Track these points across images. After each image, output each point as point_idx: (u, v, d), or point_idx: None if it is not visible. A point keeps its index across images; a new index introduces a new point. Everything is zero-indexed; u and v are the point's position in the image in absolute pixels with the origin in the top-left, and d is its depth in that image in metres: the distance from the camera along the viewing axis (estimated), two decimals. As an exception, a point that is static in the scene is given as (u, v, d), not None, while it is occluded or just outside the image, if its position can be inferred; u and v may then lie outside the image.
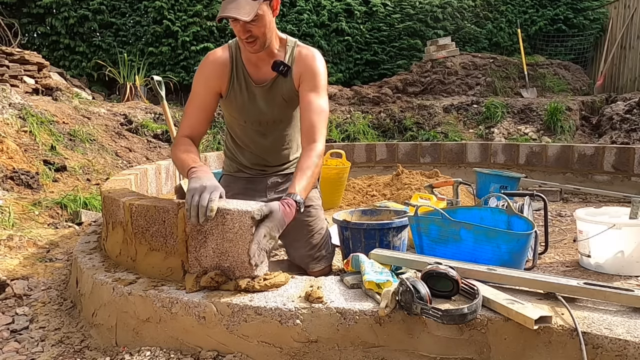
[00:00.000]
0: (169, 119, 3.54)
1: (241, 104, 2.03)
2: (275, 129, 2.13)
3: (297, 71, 1.97)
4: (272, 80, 1.99)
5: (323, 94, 1.95)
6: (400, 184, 4.18)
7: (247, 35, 1.81)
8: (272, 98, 2.03)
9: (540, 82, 7.89)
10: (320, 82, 1.95)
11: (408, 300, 1.32)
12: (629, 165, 4.69)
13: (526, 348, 1.30)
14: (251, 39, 1.83)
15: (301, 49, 2.01)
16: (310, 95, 1.91)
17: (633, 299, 1.34)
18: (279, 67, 1.94)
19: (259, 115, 2.06)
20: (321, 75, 1.96)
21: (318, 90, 1.93)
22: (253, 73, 2.00)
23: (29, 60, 5.62)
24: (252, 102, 2.03)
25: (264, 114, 2.06)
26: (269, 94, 2.02)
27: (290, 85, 2.00)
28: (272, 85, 2.00)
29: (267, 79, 2.00)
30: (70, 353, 1.68)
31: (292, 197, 1.64)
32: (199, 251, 1.62)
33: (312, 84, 1.93)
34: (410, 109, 6.95)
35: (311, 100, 1.90)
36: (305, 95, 1.92)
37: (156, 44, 7.93)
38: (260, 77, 2.00)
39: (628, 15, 7.97)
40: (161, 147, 5.35)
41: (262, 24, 1.81)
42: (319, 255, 2.18)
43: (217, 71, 1.98)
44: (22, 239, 2.80)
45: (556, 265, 2.60)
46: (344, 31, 8.38)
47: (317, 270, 2.16)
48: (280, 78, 1.98)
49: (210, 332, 1.50)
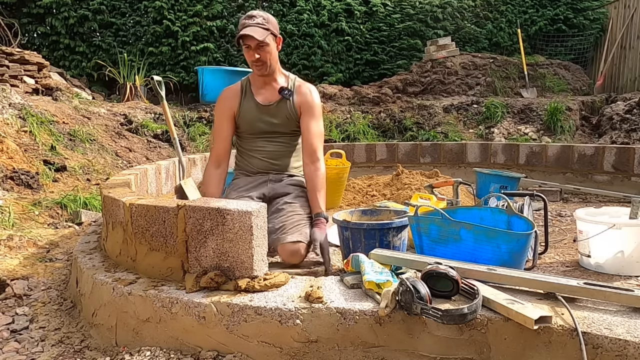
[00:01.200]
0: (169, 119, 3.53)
1: (251, 119, 2.51)
2: (281, 138, 2.56)
3: (297, 100, 2.50)
4: (277, 102, 2.50)
5: (320, 121, 2.51)
6: (400, 184, 4.17)
7: (257, 58, 2.32)
8: (277, 115, 2.50)
9: (540, 82, 7.88)
10: (317, 112, 2.50)
11: (408, 300, 1.32)
12: (629, 165, 4.69)
13: (526, 348, 1.30)
14: (259, 63, 2.35)
15: (300, 84, 2.55)
16: (309, 122, 2.47)
17: (633, 299, 1.34)
18: (284, 91, 2.47)
19: (267, 126, 2.51)
20: (317, 106, 2.51)
21: (316, 119, 2.49)
22: (260, 98, 2.51)
23: (29, 60, 5.62)
24: (260, 117, 2.51)
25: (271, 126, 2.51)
26: (275, 111, 2.50)
27: (292, 108, 2.49)
28: (277, 106, 2.50)
29: (273, 100, 2.50)
30: (70, 353, 1.68)
31: (321, 216, 2.28)
32: (199, 251, 1.62)
33: (310, 113, 2.48)
34: (410, 109, 6.95)
35: (311, 127, 2.46)
36: (305, 123, 2.47)
37: (156, 44, 7.92)
38: (266, 99, 2.50)
39: (628, 15, 7.97)
40: (161, 147, 5.35)
41: (268, 50, 2.35)
42: (293, 230, 2.22)
43: (230, 98, 2.53)
44: (22, 239, 2.80)
45: (556, 265, 2.60)
46: (344, 31, 8.38)
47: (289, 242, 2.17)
48: (284, 101, 2.48)
49: (210, 332, 1.50)
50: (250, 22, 2.31)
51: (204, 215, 1.59)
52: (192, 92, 8.07)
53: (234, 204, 1.60)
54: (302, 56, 8.30)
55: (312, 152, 2.41)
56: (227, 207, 1.56)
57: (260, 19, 2.33)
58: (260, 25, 2.30)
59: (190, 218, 1.62)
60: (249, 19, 2.33)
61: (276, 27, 2.40)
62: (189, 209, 1.63)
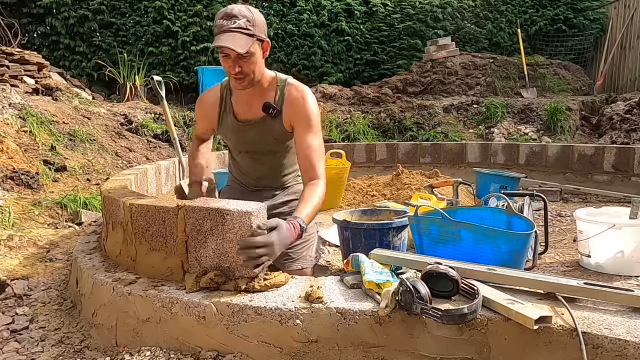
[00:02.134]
0: (169, 119, 3.54)
1: (232, 139, 2.15)
2: (270, 159, 2.16)
3: (287, 114, 1.99)
4: (262, 120, 2.02)
5: (318, 133, 2.00)
6: (400, 184, 4.17)
7: (238, 71, 1.84)
8: (262, 135, 2.06)
9: (540, 82, 7.88)
10: (314, 122, 1.98)
11: (408, 300, 1.32)
12: (629, 165, 4.69)
13: (526, 348, 1.30)
14: (240, 75, 1.86)
15: (291, 89, 2.01)
16: (305, 136, 1.96)
17: (633, 299, 1.34)
18: (269, 109, 1.97)
19: (252, 148, 2.12)
20: (314, 115, 1.99)
21: (313, 131, 1.97)
22: (241, 112, 2.06)
23: (29, 60, 5.62)
24: (241, 137, 2.10)
25: (257, 146, 2.11)
26: (258, 131, 2.05)
27: (279, 127, 2.02)
28: (262, 124, 2.03)
29: (256, 117, 2.03)
30: (70, 353, 1.68)
31: (297, 220, 1.67)
32: (199, 251, 1.62)
33: (305, 125, 1.97)
34: (410, 109, 6.95)
35: (307, 141, 1.95)
36: (300, 136, 1.97)
37: (156, 44, 7.93)
38: (248, 116, 2.05)
39: (628, 15, 7.96)
40: (161, 147, 5.35)
41: (252, 61, 1.85)
42: (297, 256, 2.05)
43: (205, 110, 2.16)
44: (22, 239, 2.80)
45: (556, 265, 2.60)
46: (344, 31, 8.38)
47: (293, 270, 2.00)
48: (269, 119, 2.00)
49: (210, 332, 1.50)
50: (229, 25, 1.79)
51: (203, 215, 1.59)
52: (192, 92, 8.07)
53: (234, 204, 1.60)
54: (302, 56, 8.30)
55: (310, 169, 1.93)
56: (227, 208, 1.56)
57: (243, 21, 1.79)
58: (242, 30, 1.78)
59: (190, 218, 1.62)
60: (228, 19, 1.80)
61: (263, 29, 1.88)
62: (188, 209, 1.63)
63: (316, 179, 1.90)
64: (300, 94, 2.00)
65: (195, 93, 7.73)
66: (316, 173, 1.91)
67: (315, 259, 2.22)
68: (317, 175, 1.91)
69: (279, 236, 1.55)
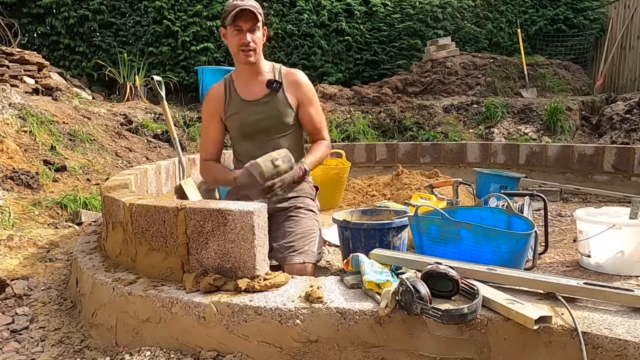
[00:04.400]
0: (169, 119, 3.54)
1: (237, 118, 2.30)
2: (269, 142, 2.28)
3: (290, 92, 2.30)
4: (266, 96, 2.29)
5: (318, 105, 2.37)
6: (400, 184, 4.17)
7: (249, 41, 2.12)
8: (267, 110, 2.28)
9: (540, 82, 7.88)
10: (314, 98, 2.35)
11: (408, 300, 1.32)
12: (629, 165, 4.69)
13: (526, 348, 1.30)
14: (252, 46, 2.14)
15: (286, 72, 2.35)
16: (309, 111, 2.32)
17: (633, 299, 1.34)
18: (272, 84, 2.27)
19: (256, 127, 2.29)
20: (311, 92, 2.34)
21: (312, 104, 2.34)
22: (245, 93, 2.31)
23: (29, 60, 5.62)
24: (247, 115, 2.29)
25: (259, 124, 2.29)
26: (264, 107, 2.28)
27: (283, 99, 2.29)
28: (267, 100, 2.29)
29: (260, 95, 2.29)
30: (70, 353, 1.68)
31: (302, 164, 2.11)
32: (201, 253, 1.62)
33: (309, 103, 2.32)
34: (410, 109, 6.95)
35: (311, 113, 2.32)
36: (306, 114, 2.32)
37: (156, 44, 7.92)
38: (252, 95, 2.29)
39: (628, 15, 7.96)
40: (161, 147, 5.35)
41: (260, 36, 2.17)
42: (300, 248, 2.06)
43: (215, 100, 2.35)
44: (22, 239, 2.80)
45: (556, 265, 2.60)
46: (344, 31, 8.38)
47: (296, 263, 2.00)
48: (273, 93, 2.28)
49: (210, 332, 1.50)
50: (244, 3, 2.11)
51: (204, 217, 1.59)
52: (192, 92, 8.07)
53: (235, 204, 1.60)
54: (302, 56, 8.30)
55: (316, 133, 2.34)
56: (228, 208, 1.56)
57: (253, 2, 2.15)
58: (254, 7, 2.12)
59: (191, 220, 1.62)
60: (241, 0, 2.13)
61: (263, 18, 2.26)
62: (189, 210, 1.62)
63: (322, 139, 2.33)
64: (297, 75, 2.35)
65: (195, 93, 7.73)
66: (322, 135, 2.34)
67: (319, 255, 2.21)
68: (323, 137, 2.34)
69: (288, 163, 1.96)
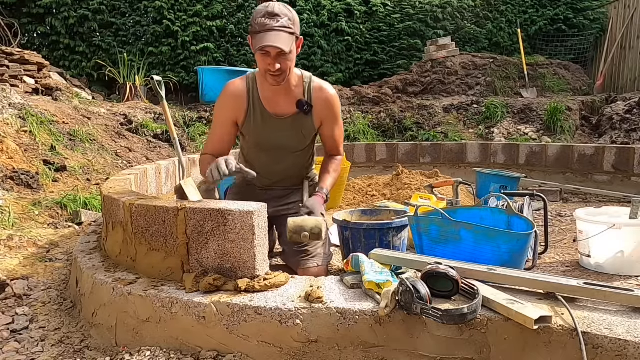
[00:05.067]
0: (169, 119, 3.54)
1: (258, 135, 2.16)
2: (289, 158, 2.25)
3: (317, 112, 2.14)
4: (293, 116, 2.13)
5: (341, 122, 2.29)
6: (400, 184, 4.17)
7: (277, 68, 1.90)
8: (292, 131, 2.16)
9: (540, 82, 7.88)
10: (338, 116, 2.23)
11: (408, 300, 1.32)
12: (629, 165, 4.69)
13: (526, 348, 1.30)
14: (279, 73, 1.93)
15: (316, 87, 2.14)
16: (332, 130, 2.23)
17: (633, 299, 1.34)
18: (303, 106, 2.09)
19: (276, 145, 2.18)
20: (338, 111, 2.22)
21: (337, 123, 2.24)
22: (271, 107, 2.11)
23: (29, 60, 5.62)
24: (270, 133, 2.15)
25: (281, 144, 2.18)
26: (289, 127, 2.14)
27: (311, 123, 2.16)
28: (293, 121, 2.14)
29: (287, 113, 2.12)
30: (70, 353, 1.68)
31: (323, 192, 2.10)
32: (201, 253, 1.62)
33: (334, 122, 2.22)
34: (410, 109, 6.95)
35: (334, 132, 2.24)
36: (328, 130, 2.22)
37: (156, 44, 7.93)
38: (279, 111, 2.12)
39: (628, 15, 7.96)
40: (161, 147, 5.35)
41: (290, 58, 1.94)
42: (313, 252, 2.13)
43: (233, 103, 2.12)
44: (22, 239, 2.80)
45: (556, 265, 2.60)
46: (344, 31, 8.38)
47: (310, 267, 2.09)
48: (301, 115, 2.12)
49: (210, 332, 1.50)
50: (273, 25, 1.84)
51: (204, 217, 1.59)
52: (192, 92, 8.07)
53: (235, 204, 1.60)
54: (302, 56, 8.30)
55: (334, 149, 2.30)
56: (228, 208, 1.56)
57: (286, 20, 1.87)
58: (285, 29, 1.86)
59: (191, 220, 1.62)
60: (272, 18, 1.85)
61: (299, 27, 1.98)
62: (189, 210, 1.62)
63: (338, 155, 2.31)
64: (328, 93, 2.16)
65: (195, 93, 7.73)
66: (339, 150, 2.31)
67: (330, 256, 2.26)
68: (339, 152, 2.32)
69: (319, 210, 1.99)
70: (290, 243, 2.12)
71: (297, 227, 1.87)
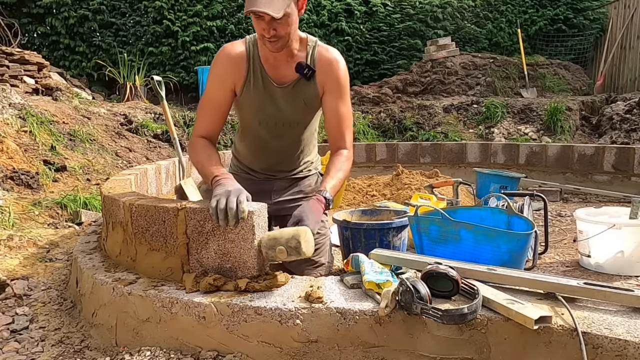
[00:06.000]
0: (169, 119, 3.54)
1: (258, 104, 1.94)
2: (291, 132, 2.03)
3: (320, 77, 1.91)
4: (294, 82, 1.91)
5: (347, 100, 1.97)
6: (400, 184, 4.17)
7: (272, 34, 1.71)
8: (293, 100, 1.93)
9: (540, 82, 7.88)
10: (345, 88, 1.95)
11: (408, 300, 1.32)
12: (629, 165, 4.69)
13: (526, 348, 1.29)
14: (274, 39, 1.73)
15: (321, 51, 1.92)
16: (336, 104, 1.93)
17: (633, 299, 1.34)
18: (304, 69, 1.86)
19: (276, 117, 1.96)
20: (345, 81, 1.95)
21: (343, 98, 1.94)
22: (272, 73, 1.90)
23: (29, 60, 5.62)
24: (270, 102, 1.93)
25: (283, 115, 1.96)
26: (290, 95, 1.92)
27: (313, 90, 1.92)
28: (294, 87, 1.91)
29: (287, 80, 1.91)
30: (70, 353, 1.68)
31: (322, 194, 1.76)
32: (201, 253, 1.62)
33: (337, 93, 1.93)
34: (410, 109, 6.95)
35: (338, 109, 1.93)
36: (330, 102, 1.93)
37: (156, 44, 7.93)
38: (279, 77, 1.90)
39: (628, 15, 7.96)
40: (161, 147, 5.35)
41: (288, 22, 1.72)
42: (318, 261, 2.09)
43: (232, 67, 1.89)
44: (22, 239, 2.80)
45: (556, 265, 2.60)
46: (344, 31, 8.38)
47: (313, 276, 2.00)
48: (303, 81, 1.90)
49: (210, 332, 1.50)
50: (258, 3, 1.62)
51: (204, 217, 1.59)
52: (192, 92, 8.07)
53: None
54: (302, 56, 8.30)
55: (338, 138, 1.93)
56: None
57: None
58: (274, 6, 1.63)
59: (191, 220, 1.62)
60: None
61: None
62: (189, 210, 1.62)
63: (343, 149, 1.93)
64: (333, 56, 1.92)
65: (195, 93, 7.74)
66: (344, 142, 1.94)
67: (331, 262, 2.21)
68: (344, 145, 1.94)
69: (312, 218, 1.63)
70: None
71: (270, 241, 1.52)
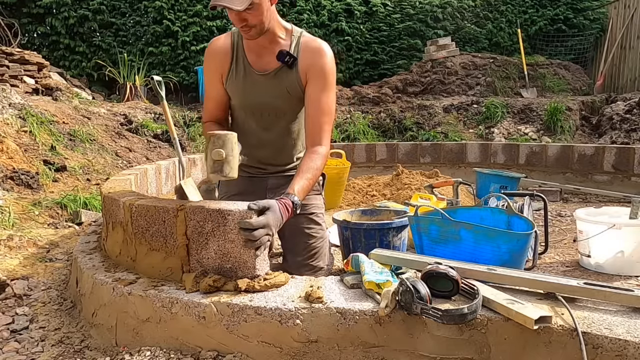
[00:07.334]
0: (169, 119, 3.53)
1: (241, 91, 1.97)
2: (278, 122, 2.02)
3: (303, 65, 1.89)
4: (276, 70, 1.91)
5: (331, 93, 1.90)
6: (400, 184, 4.17)
7: (243, 24, 1.75)
8: (276, 88, 1.93)
9: (540, 82, 7.88)
10: (329, 80, 1.88)
11: (408, 300, 1.32)
12: (629, 165, 4.69)
13: (526, 348, 1.30)
14: (247, 28, 1.77)
15: (307, 40, 1.92)
16: (317, 94, 1.86)
17: (633, 299, 1.34)
18: (285, 57, 1.86)
19: (261, 106, 1.98)
20: (330, 72, 1.89)
21: (326, 89, 1.87)
22: (254, 61, 1.93)
23: (29, 60, 5.62)
24: (252, 89, 1.95)
25: (267, 104, 1.97)
26: (272, 83, 1.93)
27: (295, 78, 1.90)
28: (276, 75, 1.92)
29: (270, 68, 1.92)
30: (70, 353, 1.68)
31: (290, 198, 1.65)
32: (201, 253, 1.62)
33: (320, 82, 1.87)
34: (410, 109, 6.95)
35: (319, 100, 1.86)
36: (312, 94, 1.87)
37: (156, 44, 7.93)
38: (262, 65, 1.93)
39: (628, 15, 7.96)
40: (161, 147, 5.35)
41: (258, 12, 1.73)
42: (317, 266, 2.11)
43: (218, 59, 1.97)
44: (22, 239, 2.80)
45: (556, 265, 2.60)
46: (344, 31, 8.38)
47: None
48: (285, 69, 1.90)
49: (210, 332, 1.50)
50: None
51: (204, 217, 1.59)
52: (192, 92, 8.07)
53: (235, 204, 1.60)
54: (302, 56, 8.30)
55: (316, 133, 1.84)
56: (228, 208, 1.56)
57: None
58: None
59: (191, 220, 1.62)
60: None
61: None
62: (189, 211, 1.62)
63: (318, 146, 1.83)
64: (318, 45, 1.90)
65: (195, 93, 7.74)
66: (320, 138, 1.84)
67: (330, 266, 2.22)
68: (320, 141, 1.84)
69: (274, 216, 1.54)
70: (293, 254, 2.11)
71: None
